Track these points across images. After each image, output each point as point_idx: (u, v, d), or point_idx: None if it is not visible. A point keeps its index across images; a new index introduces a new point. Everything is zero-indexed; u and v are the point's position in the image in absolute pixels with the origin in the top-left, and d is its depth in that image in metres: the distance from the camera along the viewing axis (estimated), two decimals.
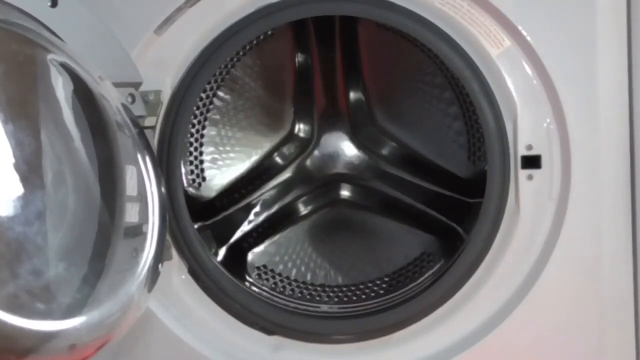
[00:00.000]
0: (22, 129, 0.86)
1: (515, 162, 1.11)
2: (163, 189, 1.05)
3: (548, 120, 1.10)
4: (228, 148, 1.36)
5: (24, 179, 0.84)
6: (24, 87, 0.90)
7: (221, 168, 1.35)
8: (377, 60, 1.36)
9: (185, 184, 1.28)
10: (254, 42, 1.30)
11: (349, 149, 1.40)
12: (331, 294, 1.30)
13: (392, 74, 1.36)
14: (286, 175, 1.39)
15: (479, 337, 1.13)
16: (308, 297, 1.30)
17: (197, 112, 1.30)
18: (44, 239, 0.86)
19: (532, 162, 1.11)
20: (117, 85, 1.05)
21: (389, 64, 1.35)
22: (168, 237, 1.14)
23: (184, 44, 1.16)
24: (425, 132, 1.35)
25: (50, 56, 0.93)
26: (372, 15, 1.15)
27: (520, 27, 1.09)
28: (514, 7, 1.09)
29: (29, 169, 0.86)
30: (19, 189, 0.84)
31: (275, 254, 1.34)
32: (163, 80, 1.17)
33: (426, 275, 1.26)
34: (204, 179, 1.33)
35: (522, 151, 1.10)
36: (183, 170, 1.25)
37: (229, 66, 1.31)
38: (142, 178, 1.02)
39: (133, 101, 1.11)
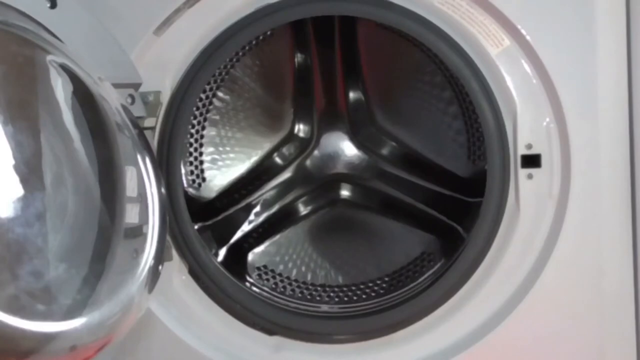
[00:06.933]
0: (22, 131, 0.86)
1: (515, 161, 1.11)
2: (163, 190, 1.05)
3: (548, 119, 1.10)
4: (228, 148, 1.36)
5: (24, 181, 0.84)
6: (23, 88, 0.90)
7: (221, 168, 1.35)
8: (376, 59, 1.36)
9: (185, 185, 1.28)
10: (254, 42, 1.30)
11: (348, 149, 1.40)
12: (331, 294, 1.30)
13: (391, 73, 1.36)
14: (286, 175, 1.39)
15: (479, 336, 1.13)
16: (308, 297, 1.30)
17: (197, 113, 1.30)
18: (44, 241, 0.86)
19: (532, 161, 1.11)
20: (117, 86, 1.05)
21: (388, 64, 1.35)
22: (168, 238, 1.14)
23: (183, 45, 1.16)
24: (425, 132, 1.35)
25: (49, 57, 0.92)
26: (371, 15, 1.15)
27: (519, 27, 1.09)
28: (513, 6, 1.09)
29: (29, 171, 0.86)
30: (19, 191, 0.83)
31: (276, 254, 1.34)
32: (162, 81, 1.17)
33: (426, 275, 1.26)
34: (204, 179, 1.33)
35: (522, 150, 1.10)
36: (183, 170, 1.25)
37: (229, 66, 1.31)
38: (142, 179, 1.02)
39: (133, 102, 1.11)
